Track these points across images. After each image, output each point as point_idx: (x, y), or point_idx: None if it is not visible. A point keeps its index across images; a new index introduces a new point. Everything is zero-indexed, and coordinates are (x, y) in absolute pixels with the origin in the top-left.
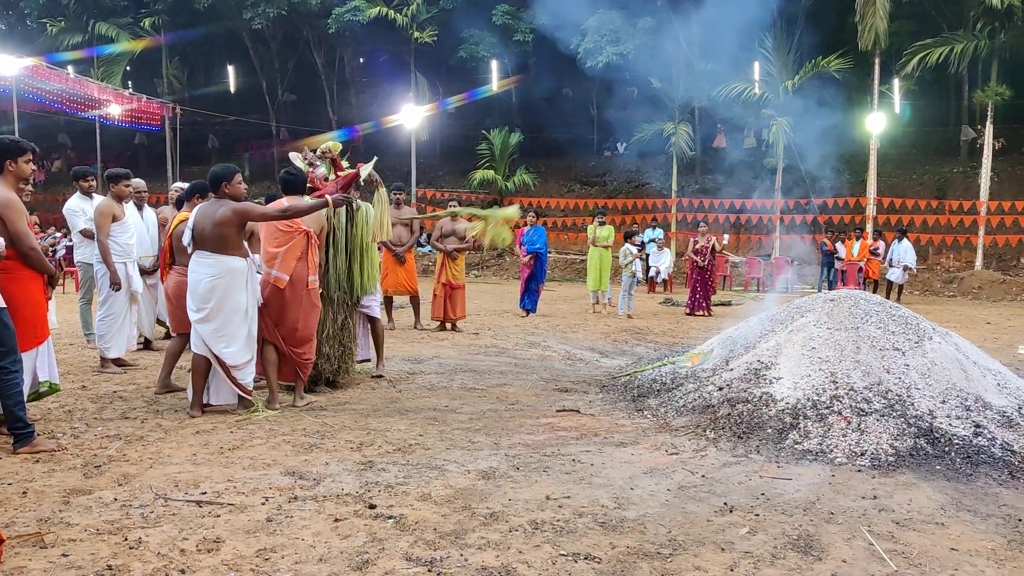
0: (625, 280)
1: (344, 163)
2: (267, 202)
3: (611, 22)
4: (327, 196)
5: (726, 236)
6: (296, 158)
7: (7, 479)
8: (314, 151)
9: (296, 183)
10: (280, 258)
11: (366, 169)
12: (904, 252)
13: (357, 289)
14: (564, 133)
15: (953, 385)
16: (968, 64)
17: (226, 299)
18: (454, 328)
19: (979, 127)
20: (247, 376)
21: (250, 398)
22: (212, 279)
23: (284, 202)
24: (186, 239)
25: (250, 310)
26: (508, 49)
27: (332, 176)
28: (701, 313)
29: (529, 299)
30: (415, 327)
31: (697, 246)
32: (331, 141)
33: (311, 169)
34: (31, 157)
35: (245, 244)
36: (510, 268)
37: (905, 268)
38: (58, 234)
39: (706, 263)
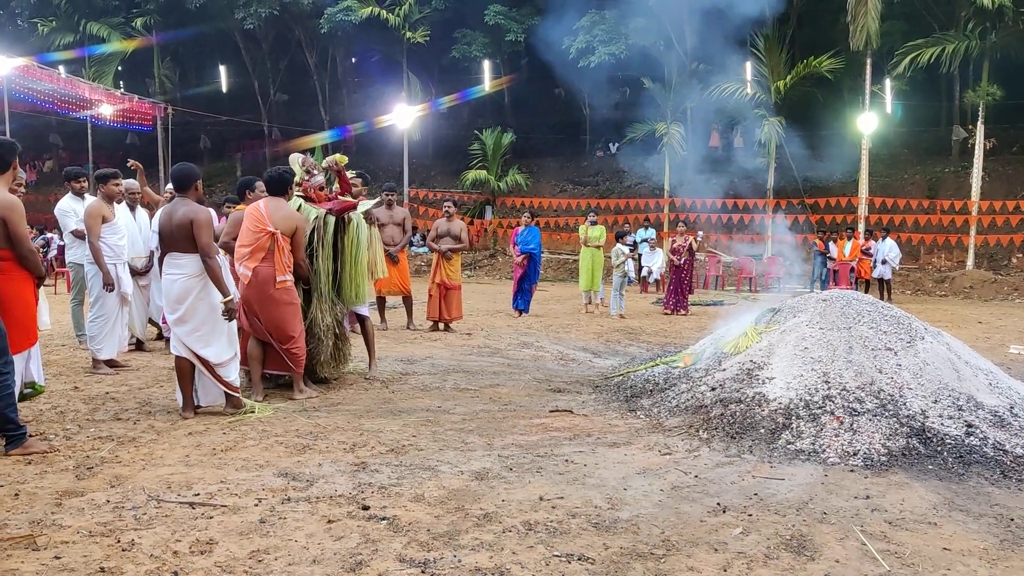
0: (616, 280)
1: (349, 174)
2: (239, 190)
3: (603, 22)
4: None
5: (700, 233)
6: (295, 161)
7: None
8: (309, 151)
9: (283, 184)
10: (247, 257)
11: (364, 206)
12: (888, 250)
13: (345, 299)
14: (556, 133)
15: (945, 385)
16: (959, 64)
17: (202, 298)
18: (447, 328)
19: (970, 127)
20: (232, 373)
21: (237, 395)
22: (187, 279)
23: (246, 211)
24: (153, 243)
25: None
26: (500, 49)
27: (335, 186)
28: (668, 312)
29: (522, 299)
30: (408, 327)
31: (674, 245)
32: (338, 154)
33: (307, 177)
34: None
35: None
36: (503, 268)
37: (883, 262)
38: (50, 235)
39: (682, 262)
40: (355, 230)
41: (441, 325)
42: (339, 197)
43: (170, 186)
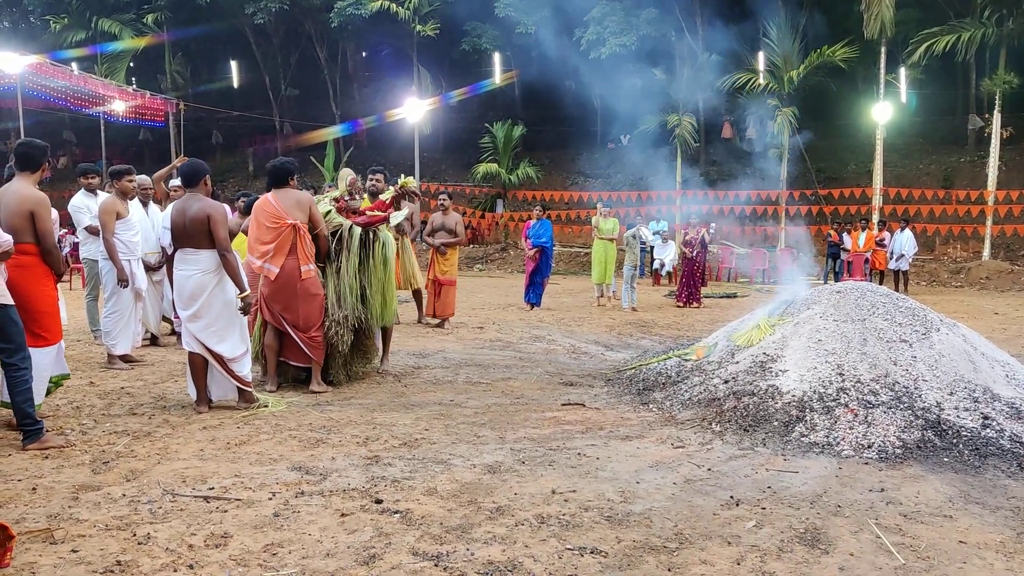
0: (627, 272)
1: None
2: (247, 206)
3: (614, 13)
4: (247, 293)
5: (712, 225)
6: (344, 178)
7: (17, 475)
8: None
9: (285, 173)
10: (271, 253)
11: (396, 218)
12: (905, 242)
13: (373, 316)
14: (567, 126)
15: (961, 377)
16: (975, 52)
17: (216, 294)
18: (440, 326)
19: (986, 116)
20: (244, 368)
21: (250, 390)
22: (202, 274)
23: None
24: (166, 240)
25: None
26: (511, 41)
27: (364, 201)
28: (681, 305)
29: (534, 293)
30: (419, 321)
31: (687, 237)
32: (411, 179)
33: (347, 198)
34: None
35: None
36: (514, 262)
37: (900, 256)
38: (63, 230)
39: (695, 255)
40: (381, 249)
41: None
42: (367, 213)
43: (175, 182)
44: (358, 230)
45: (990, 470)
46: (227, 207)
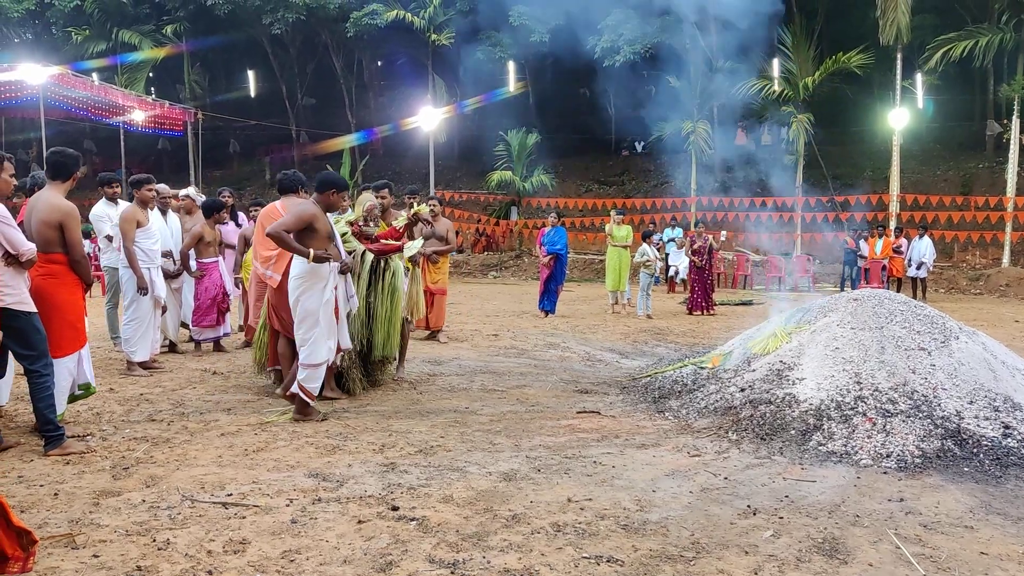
0: (643, 280)
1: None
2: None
3: (628, 21)
4: (312, 251)
5: (724, 233)
6: (362, 203)
7: (39, 481)
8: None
9: (293, 184)
10: (274, 259)
11: (411, 249)
12: (924, 249)
13: (376, 345)
14: (582, 133)
15: (981, 385)
16: (993, 57)
17: (301, 300)
18: (434, 337)
19: (1005, 121)
20: (312, 381)
21: (309, 400)
22: (292, 279)
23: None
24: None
25: (321, 318)
26: (525, 50)
27: (381, 226)
28: (698, 312)
29: (548, 300)
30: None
31: (695, 246)
32: (425, 207)
33: (361, 222)
34: None
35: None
36: (529, 269)
37: (920, 265)
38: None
39: (704, 263)
40: (391, 278)
41: (441, 336)
42: (382, 241)
43: (183, 192)
44: (370, 256)
45: (1011, 480)
46: (243, 215)
